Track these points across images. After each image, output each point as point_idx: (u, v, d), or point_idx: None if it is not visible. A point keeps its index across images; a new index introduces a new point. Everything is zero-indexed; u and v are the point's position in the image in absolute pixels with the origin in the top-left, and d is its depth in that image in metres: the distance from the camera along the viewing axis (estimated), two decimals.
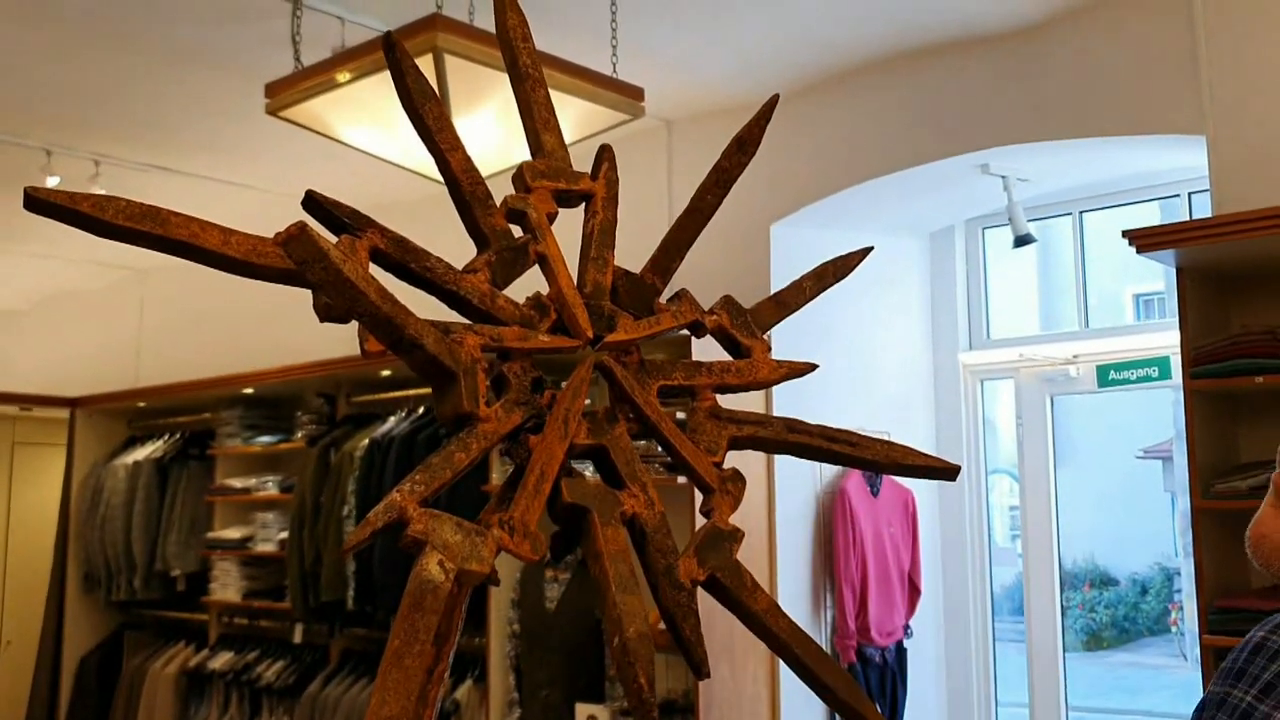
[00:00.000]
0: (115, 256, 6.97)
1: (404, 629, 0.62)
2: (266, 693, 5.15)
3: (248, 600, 5.43)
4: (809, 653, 0.75)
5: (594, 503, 0.73)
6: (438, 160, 0.78)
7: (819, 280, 0.93)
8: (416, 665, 0.62)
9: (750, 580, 0.76)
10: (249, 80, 3.84)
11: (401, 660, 0.61)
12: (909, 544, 4.73)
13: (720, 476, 0.80)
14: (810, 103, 4.40)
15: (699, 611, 0.75)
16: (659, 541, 0.73)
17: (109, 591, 6.02)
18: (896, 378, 4.98)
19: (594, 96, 2.88)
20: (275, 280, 0.69)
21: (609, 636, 0.68)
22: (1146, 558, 11.83)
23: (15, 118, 4.70)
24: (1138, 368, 4.52)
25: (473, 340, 0.72)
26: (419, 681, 0.62)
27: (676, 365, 0.83)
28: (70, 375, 7.06)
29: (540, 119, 0.85)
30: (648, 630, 0.70)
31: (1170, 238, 3.11)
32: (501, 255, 0.78)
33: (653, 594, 0.74)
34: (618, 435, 0.76)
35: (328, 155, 4.12)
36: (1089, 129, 3.81)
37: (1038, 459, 4.88)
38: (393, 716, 0.60)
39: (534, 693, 4.28)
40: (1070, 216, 4.92)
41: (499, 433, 0.71)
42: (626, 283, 0.84)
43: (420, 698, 0.62)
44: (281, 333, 6.07)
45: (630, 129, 3.77)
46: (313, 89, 3.03)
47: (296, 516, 4.96)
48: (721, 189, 0.90)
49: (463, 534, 0.68)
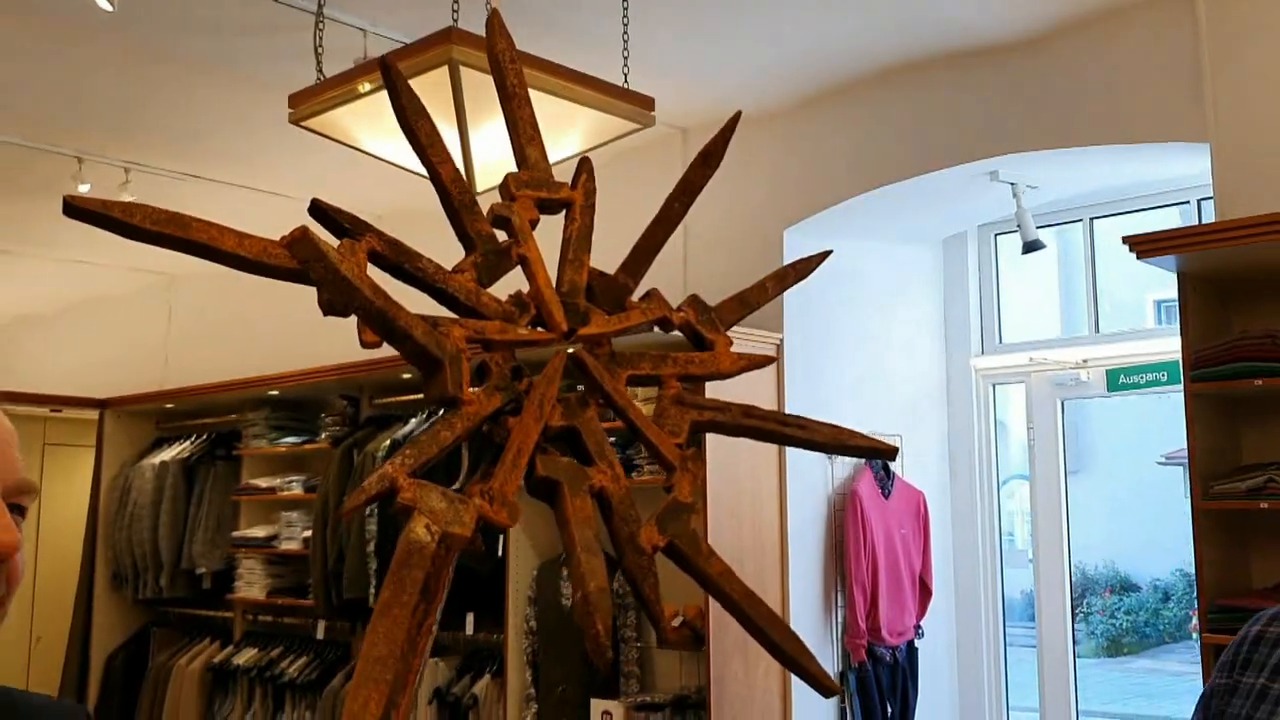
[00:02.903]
0: (144, 262, 7.12)
1: (393, 583, 0.71)
2: (290, 688, 5.26)
3: (272, 598, 5.55)
4: (759, 614, 0.84)
5: (564, 476, 0.82)
6: (430, 172, 0.86)
7: (780, 280, 1.01)
8: (403, 614, 0.70)
9: (706, 547, 0.85)
10: (273, 91, 3.95)
11: (389, 610, 0.70)
12: (920, 545, 4.79)
13: (682, 456, 0.89)
14: (822, 111, 4.48)
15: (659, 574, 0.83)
16: (623, 512, 0.82)
17: (136, 589, 6.15)
18: (909, 382, 5.04)
19: (605, 106, 2.96)
20: (284, 278, 0.78)
21: (574, 590, 0.77)
22: (1168, 564, 11.79)
23: (48, 127, 4.84)
24: (1147, 372, 4.56)
25: (458, 332, 0.81)
26: (405, 628, 0.70)
27: (644, 356, 0.91)
28: (99, 378, 7.21)
29: (525, 134, 0.94)
30: (606, 585, 0.78)
31: (1171, 243, 3.17)
32: (486, 257, 0.87)
33: (617, 557, 0.83)
34: (589, 418, 0.85)
35: (350, 163, 4.22)
36: (1094, 137, 3.88)
37: (1048, 463, 4.93)
38: (381, 657, 0.68)
39: (550, 688, 4.37)
40: (1081, 223, 4.97)
41: (481, 414, 0.80)
42: (600, 282, 0.93)
43: (409, 644, 0.71)
44: (305, 337, 6.18)
45: (645, 138, 3.86)
46: (334, 99, 3.12)
47: (320, 515, 5.07)
48: (688, 198, 0.98)
49: (447, 502, 0.76)
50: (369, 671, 0.68)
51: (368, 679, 0.68)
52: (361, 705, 0.68)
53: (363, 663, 0.69)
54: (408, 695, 0.77)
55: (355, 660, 4.99)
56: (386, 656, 0.69)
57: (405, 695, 0.76)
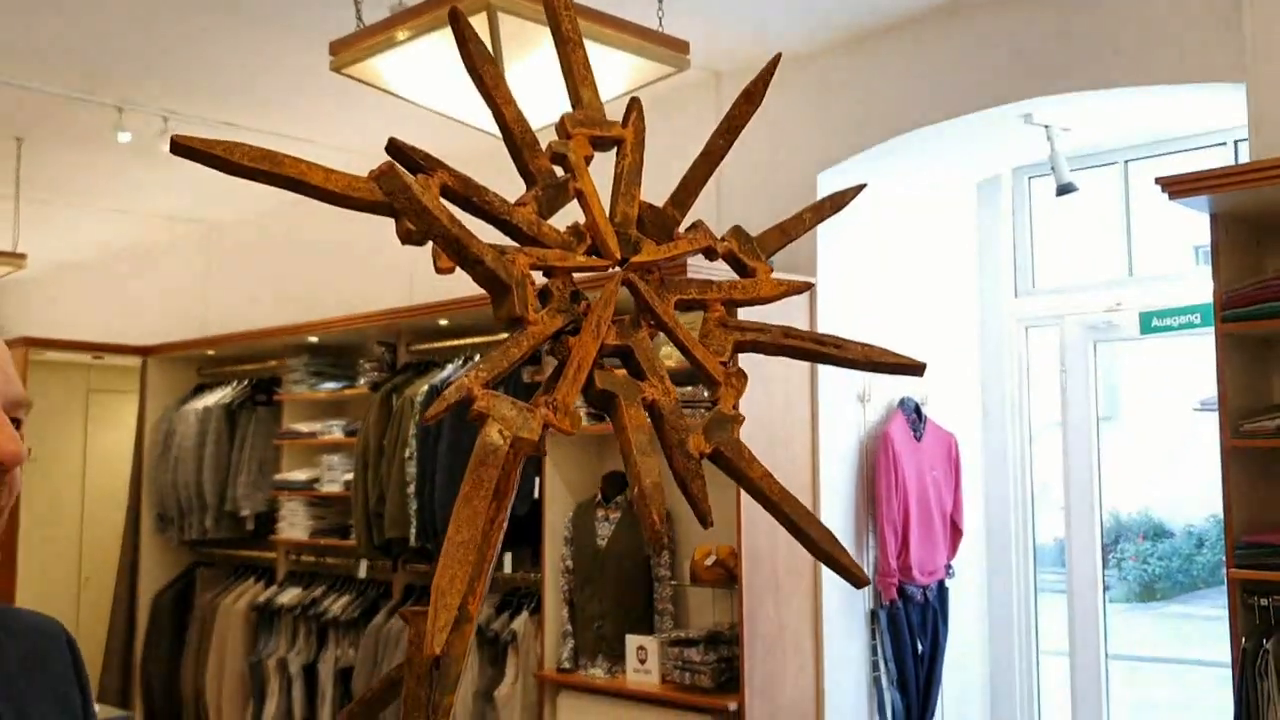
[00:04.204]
0: (182, 211, 7.23)
1: (472, 479, 0.79)
2: (333, 625, 5.42)
3: (314, 538, 5.70)
4: (796, 511, 0.92)
5: (620, 389, 0.90)
6: (494, 113, 0.94)
7: (817, 212, 1.08)
8: (481, 505, 0.78)
9: (748, 453, 0.92)
10: (313, 39, 4.01)
11: (470, 501, 0.78)
12: (951, 486, 4.85)
13: (726, 373, 0.97)
14: (856, 54, 4.49)
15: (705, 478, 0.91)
16: (673, 421, 0.90)
17: (181, 531, 6.32)
18: (942, 326, 5.07)
19: (640, 50, 3.00)
20: (365, 210, 0.86)
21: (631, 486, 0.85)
22: (1203, 510, 11.80)
23: (89, 76, 4.92)
24: (1180, 314, 4.57)
25: (523, 260, 0.89)
26: (485, 518, 0.78)
27: (691, 282, 0.99)
28: (140, 326, 7.35)
29: (579, 76, 1.01)
30: (660, 481, 0.86)
31: (1204, 184, 3.18)
32: (546, 191, 0.95)
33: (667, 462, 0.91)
34: (641, 338, 0.94)
35: (388, 110, 4.29)
36: (1129, 78, 3.87)
37: (1081, 407, 4.95)
38: (464, 541, 0.76)
39: (586, 624, 4.49)
40: (1116, 166, 4.97)
41: (544, 333, 0.88)
42: (651, 214, 1.00)
43: (485, 535, 0.79)
44: (342, 284, 6.30)
45: (680, 81, 3.89)
46: (373, 47, 3.18)
47: (360, 458, 5.19)
48: (731, 134, 1.05)
49: (517, 410, 0.84)
50: (454, 553, 0.77)
51: (453, 560, 0.76)
52: (449, 581, 0.76)
53: (448, 545, 0.77)
54: (483, 581, 0.85)
55: (396, 599, 5.13)
56: (469, 541, 0.77)
57: (481, 581, 0.85)
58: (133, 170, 6.20)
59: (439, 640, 0.74)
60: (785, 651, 4.22)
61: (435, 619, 0.73)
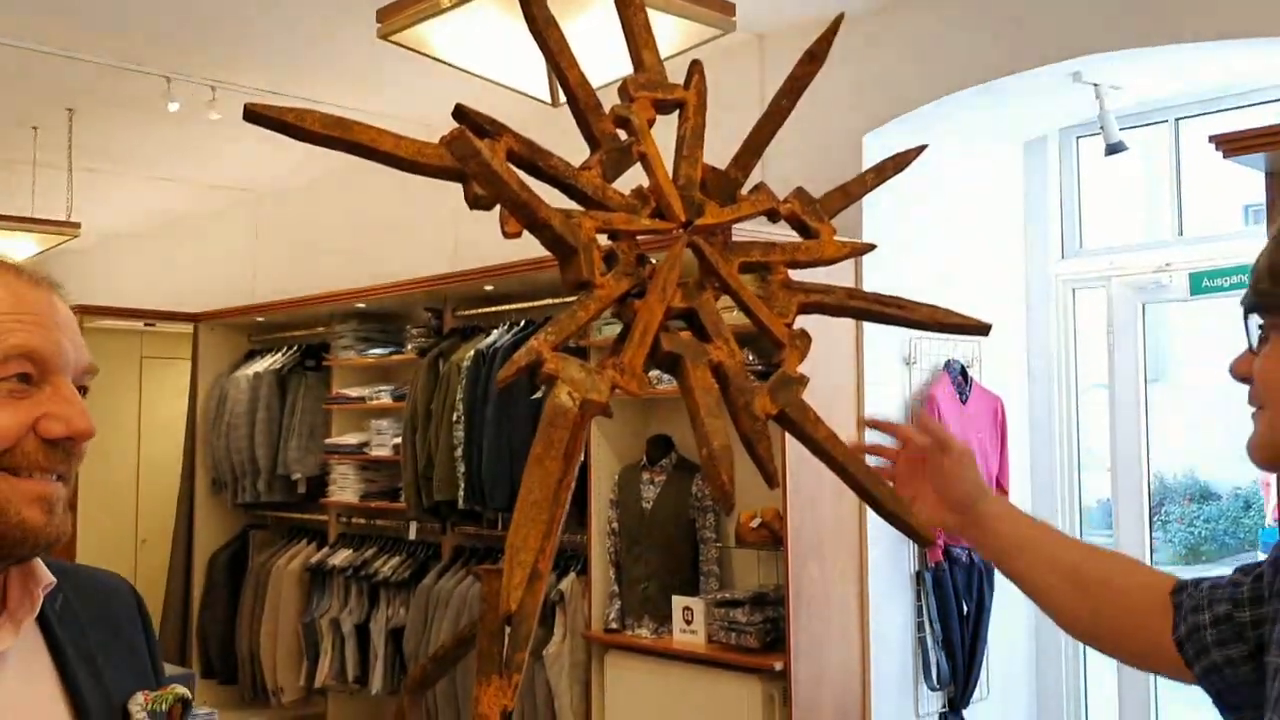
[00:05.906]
0: (230, 179, 7.30)
1: (543, 440, 0.80)
2: (384, 586, 5.50)
3: (365, 501, 5.78)
4: (862, 472, 0.93)
5: (686, 351, 0.91)
6: (559, 76, 0.95)
7: (879, 173, 1.08)
8: (554, 466, 0.80)
9: (813, 415, 0.93)
10: (360, 7, 4.01)
11: (542, 462, 0.79)
12: (997, 449, 4.83)
13: (790, 334, 0.98)
14: (901, 13, 4.44)
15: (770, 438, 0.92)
16: (739, 383, 0.91)
17: (235, 494, 6.43)
18: (989, 287, 5.03)
19: (686, 13, 2.99)
20: (434, 175, 0.87)
21: (699, 448, 0.86)
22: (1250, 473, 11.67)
23: (137, 47, 4.96)
24: (1230, 274, 4.50)
25: (589, 223, 0.90)
26: (555, 477, 0.80)
27: (755, 244, 1.00)
28: (190, 293, 7.45)
29: (641, 39, 1.02)
30: (728, 443, 0.88)
31: (1259, 141, 3.14)
32: (610, 155, 0.96)
33: (733, 423, 0.92)
34: (706, 300, 0.94)
35: (435, 77, 4.29)
36: (1179, 34, 3.81)
37: (1128, 369, 4.91)
38: (537, 501, 0.78)
39: (633, 586, 4.53)
40: (1166, 124, 4.89)
41: (611, 296, 0.90)
42: (713, 177, 1.01)
43: (555, 494, 0.81)
44: (388, 252, 6.34)
45: (724, 43, 3.86)
46: (420, 13, 3.18)
47: (409, 423, 5.26)
48: (794, 94, 1.06)
49: (585, 373, 0.86)
50: (527, 513, 0.78)
51: (526, 519, 0.78)
52: (522, 539, 0.78)
53: (521, 504, 0.79)
54: (553, 540, 0.87)
55: (445, 560, 5.20)
56: (541, 500, 0.79)
57: (551, 540, 0.87)
58: (182, 140, 6.26)
59: (515, 598, 0.76)
60: (830, 613, 4.24)
61: (510, 576, 0.75)
